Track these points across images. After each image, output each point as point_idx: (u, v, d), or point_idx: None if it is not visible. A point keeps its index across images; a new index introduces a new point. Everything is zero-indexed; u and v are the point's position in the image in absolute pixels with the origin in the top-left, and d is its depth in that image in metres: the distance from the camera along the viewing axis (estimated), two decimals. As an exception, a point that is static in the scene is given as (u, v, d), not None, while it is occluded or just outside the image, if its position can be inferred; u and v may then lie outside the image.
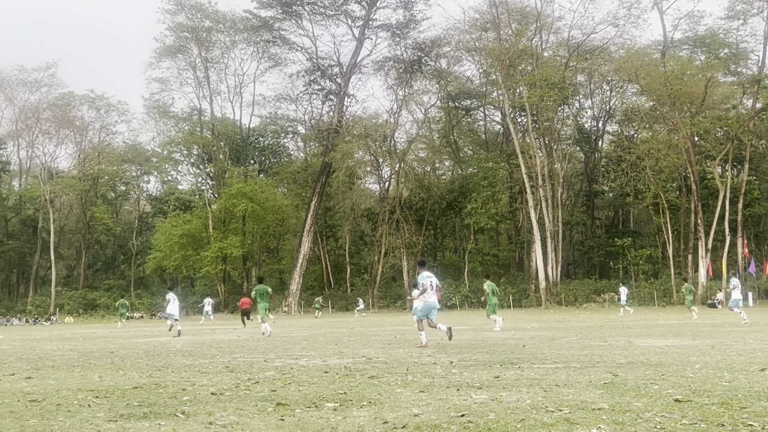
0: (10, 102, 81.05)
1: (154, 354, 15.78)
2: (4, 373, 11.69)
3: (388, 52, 71.21)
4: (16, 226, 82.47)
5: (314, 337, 21.22)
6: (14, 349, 19.80)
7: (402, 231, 65.87)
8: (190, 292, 77.00)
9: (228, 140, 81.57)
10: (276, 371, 10.68)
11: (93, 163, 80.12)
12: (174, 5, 72.82)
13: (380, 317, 46.93)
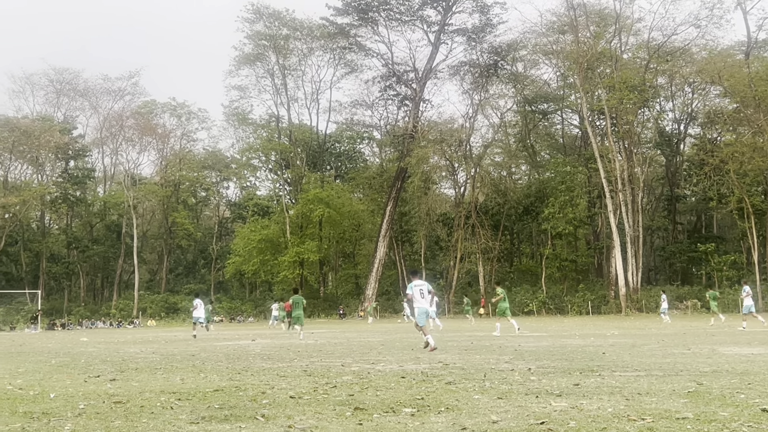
0: (95, 110, 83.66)
1: (233, 357, 16.03)
2: (89, 375, 12.02)
3: (464, 56, 71.09)
4: (100, 232, 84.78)
5: (390, 342, 21.24)
6: (99, 351, 20.35)
7: (478, 236, 65.51)
8: (268, 297, 78.02)
9: (305, 146, 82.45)
10: (353, 375, 10.72)
11: (174, 169, 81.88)
12: (253, 14, 74.10)
13: (456, 323, 46.66)
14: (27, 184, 75.77)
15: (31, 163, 78.05)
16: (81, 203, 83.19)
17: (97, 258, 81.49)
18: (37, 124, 74.83)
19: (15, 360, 16.81)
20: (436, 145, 67.76)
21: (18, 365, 14.79)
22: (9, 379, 11.50)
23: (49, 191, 76.49)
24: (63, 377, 11.65)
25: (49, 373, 12.61)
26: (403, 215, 77.82)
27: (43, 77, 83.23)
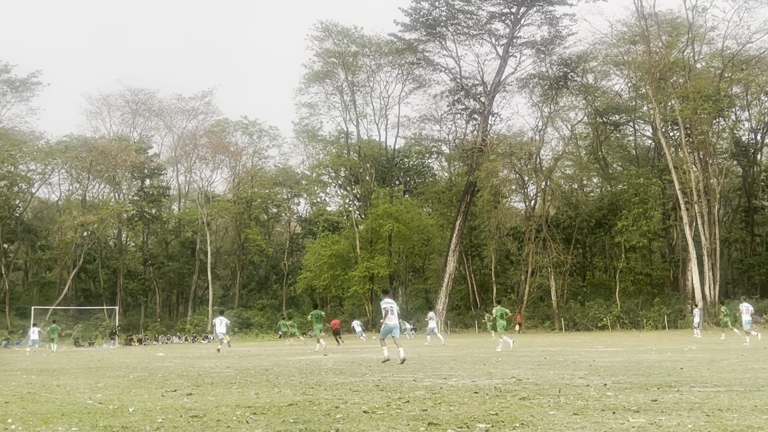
0: (169, 130, 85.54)
1: (306, 372, 16.15)
2: (166, 389, 12.24)
3: (533, 69, 70.49)
4: (175, 248, 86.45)
5: (462, 357, 21.12)
6: (175, 366, 20.72)
7: (549, 250, 64.75)
8: (339, 312, 78.43)
9: (374, 162, 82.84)
10: (426, 391, 10.69)
11: (246, 186, 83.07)
12: (322, 32, 74.94)
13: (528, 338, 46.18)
14: (104, 203, 77.77)
15: (108, 182, 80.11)
16: (156, 221, 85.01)
17: (173, 274, 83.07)
18: (114, 144, 76.85)
19: (94, 375, 17.23)
20: (506, 158, 67.32)
21: (97, 380, 15.15)
22: (89, 393, 11.79)
23: (126, 209, 78.34)
24: (141, 392, 11.89)
25: (128, 387, 12.88)
26: (473, 229, 77.43)
27: (120, 98, 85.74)
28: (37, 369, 20.60)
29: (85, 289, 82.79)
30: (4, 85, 76.39)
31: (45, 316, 67.40)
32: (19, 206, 78.96)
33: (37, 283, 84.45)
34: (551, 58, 68.95)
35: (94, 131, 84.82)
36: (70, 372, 18.73)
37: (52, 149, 77.52)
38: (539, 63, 69.86)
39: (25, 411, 9.30)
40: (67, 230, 72.97)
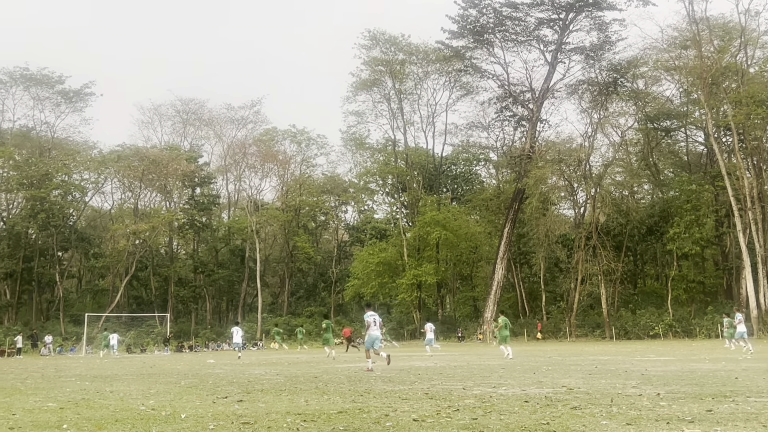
0: (219, 139, 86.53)
1: (355, 379, 16.17)
2: (217, 396, 12.35)
3: (582, 75, 69.90)
4: (225, 256, 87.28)
5: (511, 366, 20.96)
6: (225, 372, 20.90)
7: (599, 257, 64.00)
8: (386, 319, 78.39)
9: (421, 169, 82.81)
10: (475, 399, 10.63)
11: (295, 194, 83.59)
12: (369, 41, 75.31)
13: (579, 346, 45.67)
14: (156, 211, 78.86)
15: (159, 190, 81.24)
16: (207, 229, 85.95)
17: (222, 282, 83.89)
18: (165, 154, 77.95)
19: (147, 381, 17.46)
20: (555, 165, 66.79)
21: (150, 386, 15.35)
22: (142, 399, 11.94)
23: (177, 217, 79.33)
24: (192, 398, 12.01)
25: (179, 394, 13.02)
26: (521, 237, 76.91)
27: (171, 108, 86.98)
28: (91, 375, 20.94)
29: (137, 296, 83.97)
30: (59, 95, 78.11)
31: (98, 323, 68.51)
32: (73, 215, 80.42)
33: (90, 291, 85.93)
34: (600, 64, 68.32)
35: (145, 141, 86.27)
36: (123, 378, 19.00)
37: (105, 159, 78.96)
38: (588, 69, 69.31)
39: (80, 417, 9.45)
40: (119, 238, 74.13)
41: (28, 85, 77.02)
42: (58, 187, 75.42)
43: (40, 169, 72.86)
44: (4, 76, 76.19)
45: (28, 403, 11.61)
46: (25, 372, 24.25)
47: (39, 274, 75.80)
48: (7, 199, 79.75)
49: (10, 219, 76.54)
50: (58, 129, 79.76)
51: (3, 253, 73.74)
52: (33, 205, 72.27)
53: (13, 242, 74.38)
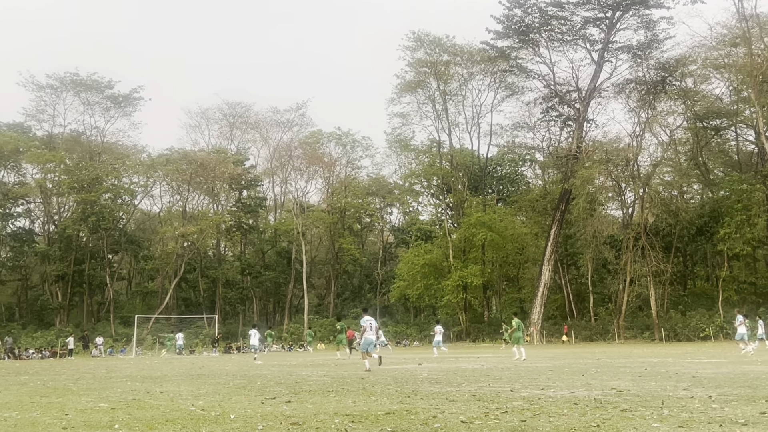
0: (265, 142, 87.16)
1: (402, 381, 16.16)
2: (266, 396, 12.44)
3: (629, 73, 68.98)
4: (272, 258, 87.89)
5: (559, 368, 20.79)
6: (273, 374, 21.04)
7: (648, 258, 63.12)
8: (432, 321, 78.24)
9: (466, 170, 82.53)
10: (523, 401, 10.56)
11: (340, 196, 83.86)
12: (414, 42, 75.26)
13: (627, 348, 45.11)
14: (204, 214, 79.72)
15: (207, 193, 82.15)
16: (253, 231, 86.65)
17: (269, 283, 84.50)
18: (212, 157, 78.81)
19: (196, 382, 17.65)
20: (602, 165, 66.03)
21: (199, 387, 15.52)
22: (191, 400, 12.08)
23: (224, 220, 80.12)
24: (241, 399, 12.11)
25: (228, 395, 13.14)
26: (568, 238, 76.21)
27: (217, 112, 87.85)
28: (141, 376, 21.24)
29: (185, 298, 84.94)
30: (108, 100, 79.46)
31: (147, 324, 69.51)
32: (122, 218, 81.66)
33: (140, 293, 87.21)
34: (648, 63, 67.37)
35: (193, 144, 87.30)
36: (173, 379, 19.24)
37: (154, 162, 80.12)
38: (636, 67, 68.38)
39: (131, 417, 9.59)
40: (168, 241, 75.12)
41: (78, 90, 78.46)
42: (108, 190, 76.70)
43: (90, 173, 74.17)
44: (55, 82, 77.72)
45: (80, 404, 11.81)
46: (77, 373, 24.68)
47: (90, 277, 77.11)
48: (58, 202, 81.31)
49: (62, 222, 77.99)
50: (108, 133, 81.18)
51: (55, 256, 75.19)
52: (84, 209, 73.56)
53: (64, 245, 75.83)
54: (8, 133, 77.12)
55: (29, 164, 78.39)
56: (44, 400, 12.75)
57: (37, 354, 58.00)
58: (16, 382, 18.95)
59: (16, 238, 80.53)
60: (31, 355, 57.07)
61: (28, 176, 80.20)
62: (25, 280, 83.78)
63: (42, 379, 20.76)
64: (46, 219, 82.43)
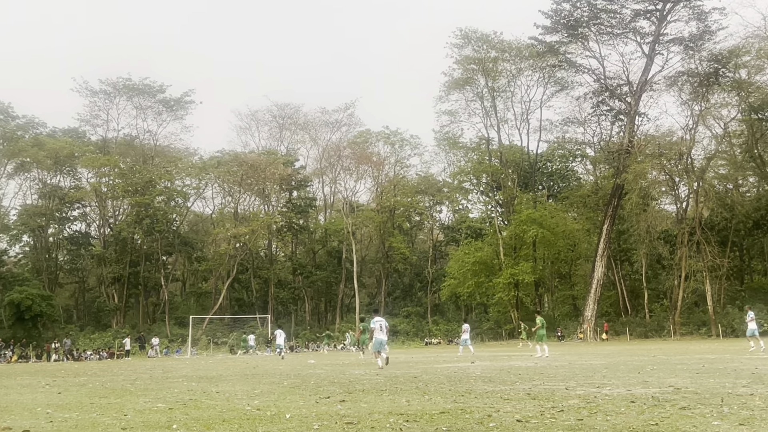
0: (314, 142, 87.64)
1: (455, 379, 16.12)
2: (320, 396, 12.50)
3: (681, 66, 67.81)
4: (322, 258, 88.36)
5: (614, 365, 20.54)
6: (326, 373, 21.15)
7: (703, 253, 62.06)
8: (483, 319, 77.97)
9: (516, 167, 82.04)
10: (579, 399, 10.46)
11: (389, 195, 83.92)
12: (461, 39, 75.04)
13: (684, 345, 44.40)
14: (255, 215, 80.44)
15: (258, 194, 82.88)
16: (304, 231, 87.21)
17: (320, 283, 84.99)
18: (262, 158, 79.50)
19: (251, 382, 17.81)
20: (654, 159, 65.06)
21: (254, 387, 15.66)
22: (247, 400, 12.20)
23: (275, 221, 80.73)
24: (296, 398, 12.20)
25: (283, 394, 13.24)
26: (621, 233, 75.24)
27: (267, 113, 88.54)
28: (197, 376, 21.50)
29: (238, 298, 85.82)
30: (160, 104, 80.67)
31: (202, 325, 70.44)
32: (176, 220, 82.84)
33: (194, 293, 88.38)
34: (701, 54, 66.13)
35: (243, 146, 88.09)
36: (228, 379, 19.45)
37: (206, 164, 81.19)
38: (688, 60, 67.18)
39: (188, 417, 9.71)
40: (220, 242, 76.02)
41: (131, 95, 79.82)
42: (162, 193, 77.92)
43: (144, 177, 75.42)
44: (108, 87, 79.23)
45: (138, 404, 12.01)
46: (134, 373, 25.10)
47: (145, 278, 78.45)
48: (113, 205, 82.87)
49: (117, 225, 79.47)
50: (160, 137, 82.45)
51: (111, 259, 76.64)
52: (138, 212, 74.85)
53: (120, 248, 77.20)
54: (64, 139, 78.93)
55: (84, 169, 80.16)
56: (103, 400, 12.98)
57: (95, 355, 59.14)
58: (75, 383, 19.33)
59: (73, 242, 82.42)
60: (89, 357, 58.21)
61: (84, 180, 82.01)
62: (83, 282, 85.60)
63: (100, 380, 21.14)
64: (101, 222, 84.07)
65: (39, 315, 66.41)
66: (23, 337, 63.34)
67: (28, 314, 65.04)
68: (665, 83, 68.95)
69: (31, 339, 63.88)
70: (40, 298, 66.48)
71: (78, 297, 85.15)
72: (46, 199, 79.87)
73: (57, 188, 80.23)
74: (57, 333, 67.92)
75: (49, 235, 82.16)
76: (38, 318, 66.79)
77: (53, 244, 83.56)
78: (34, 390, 16.76)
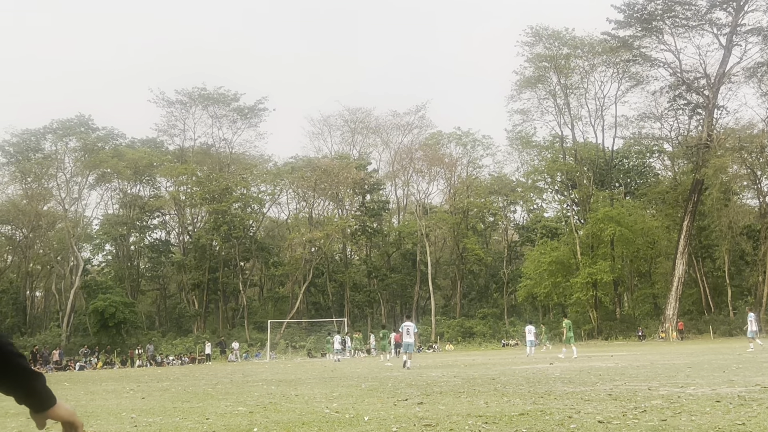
0: (386, 146, 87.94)
1: (534, 381, 15.97)
2: (398, 398, 12.53)
3: (761, 56, 65.86)
4: (397, 260, 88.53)
5: (698, 365, 20.05)
6: (404, 375, 21.18)
7: (789, 248, 60.20)
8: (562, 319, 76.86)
9: (591, 165, 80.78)
10: (662, 400, 10.24)
11: (462, 196, 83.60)
12: (532, 37, 74.24)
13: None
14: (329, 219, 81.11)
15: (331, 199, 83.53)
16: (378, 234, 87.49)
17: (395, 285, 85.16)
18: (335, 163, 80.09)
19: (329, 385, 17.96)
20: (735, 153, 63.40)
21: (332, 390, 15.79)
22: (326, 403, 12.30)
23: (349, 224, 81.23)
24: (374, 401, 12.25)
25: (361, 397, 13.31)
26: (702, 230, 73.43)
27: (339, 118, 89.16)
28: (276, 380, 21.78)
29: (315, 302, 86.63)
30: (235, 113, 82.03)
31: (280, 329, 71.31)
32: (252, 226, 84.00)
33: (271, 298, 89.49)
34: (781, 44, 64.25)
35: (316, 151, 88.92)
36: (307, 382, 19.64)
37: (280, 171, 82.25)
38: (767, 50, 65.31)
39: (269, 420, 9.85)
40: (296, 247, 76.85)
41: (206, 104, 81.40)
42: (238, 200, 79.21)
43: (220, 184, 76.80)
44: (184, 97, 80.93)
45: (219, 408, 12.22)
46: (215, 378, 25.55)
47: (224, 284, 79.85)
48: (191, 213, 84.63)
49: (196, 232, 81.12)
50: (236, 144, 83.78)
51: (190, 265, 78.26)
52: (216, 219, 76.20)
53: (199, 254, 78.78)
54: (142, 149, 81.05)
55: (163, 178, 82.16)
56: (185, 405, 13.25)
57: (177, 360, 60.46)
58: (158, 388, 19.78)
59: (153, 249, 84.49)
60: (171, 362, 59.54)
61: (163, 189, 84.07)
62: (163, 289, 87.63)
63: (182, 384, 21.59)
64: (180, 230, 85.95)
65: (122, 322, 68.17)
66: (108, 343, 65.17)
67: (111, 321, 66.82)
68: (744, 75, 67.18)
69: (115, 345, 65.68)
70: (123, 306, 68.27)
71: (159, 303, 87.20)
72: (127, 208, 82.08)
73: (137, 197, 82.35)
74: (140, 339, 69.62)
75: (131, 243, 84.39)
76: (122, 325, 68.55)
77: (135, 252, 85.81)
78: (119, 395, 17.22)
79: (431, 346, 67.26)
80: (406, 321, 27.35)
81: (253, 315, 79.90)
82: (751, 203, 74.56)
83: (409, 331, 26.39)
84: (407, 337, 26.07)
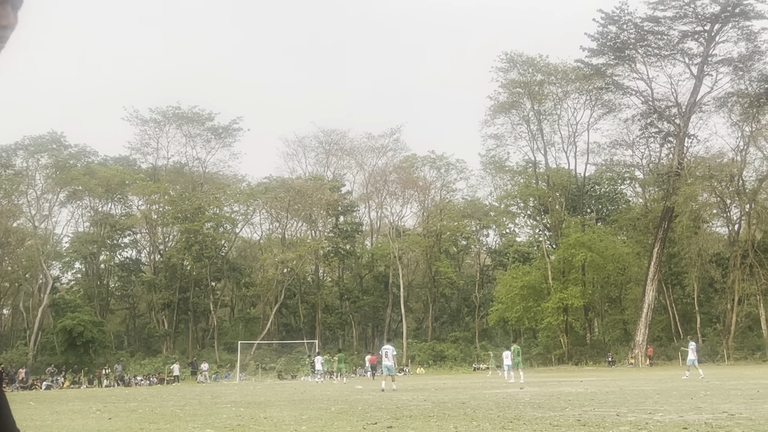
0: (360, 168, 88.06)
1: (503, 405, 15.99)
2: (367, 422, 12.49)
3: (731, 87, 66.94)
4: (369, 283, 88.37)
5: (666, 391, 20.19)
6: (374, 399, 21.11)
7: (757, 276, 60.87)
8: (533, 344, 77.12)
9: (564, 190, 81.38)
10: (631, 426, 10.30)
11: (435, 220, 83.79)
12: (506, 63, 74.79)
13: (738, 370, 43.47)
14: (302, 240, 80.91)
15: (305, 220, 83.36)
16: (351, 256, 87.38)
17: (367, 308, 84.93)
18: (309, 184, 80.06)
19: (298, 407, 17.87)
20: (705, 181, 64.19)
21: (301, 412, 15.70)
22: (294, 426, 12.23)
23: (322, 246, 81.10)
24: (343, 424, 12.19)
25: (330, 420, 13.25)
26: (672, 257, 74.12)
27: (314, 140, 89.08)
28: (245, 402, 21.62)
29: (286, 323, 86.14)
30: (209, 132, 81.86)
31: (250, 350, 70.81)
32: (224, 246, 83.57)
33: (242, 319, 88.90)
34: (750, 75, 65.31)
35: (291, 172, 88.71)
36: (276, 404, 19.52)
37: (253, 191, 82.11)
38: (738, 80, 66.36)
39: (238, 441, 9.77)
40: (268, 267, 76.46)
41: (180, 123, 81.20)
42: (210, 219, 78.87)
43: (193, 203, 76.47)
44: (158, 116, 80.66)
45: (187, 430, 12.12)
46: (184, 399, 25.32)
47: (194, 304, 79.27)
48: (163, 232, 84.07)
49: (167, 252, 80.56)
50: (209, 164, 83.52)
51: (161, 285, 77.66)
52: (187, 238, 75.74)
53: (169, 274, 78.21)
54: (115, 167, 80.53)
55: (135, 196, 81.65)
56: (153, 426, 13.12)
57: (145, 380, 59.81)
58: (125, 409, 19.57)
59: (123, 268, 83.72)
60: (139, 382, 58.89)
61: (134, 208, 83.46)
62: (133, 308, 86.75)
63: (150, 405, 21.37)
64: (151, 249, 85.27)
65: (90, 341, 67.35)
66: (75, 363, 64.30)
67: (80, 340, 66.01)
68: (715, 104, 68.20)
69: (82, 365, 64.80)
70: (91, 324, 67.47)
71: (129, 323, 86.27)
72: (98, 226, 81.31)
73: (108, 216, 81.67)
74: (108, 359, 68.81)
75: (101, 261, 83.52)
76: (90, 344, 67.71)
77: (104, 271, 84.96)
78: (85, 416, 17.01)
79: (402, 369, 67.06)
80: (386, 344, 28.18)
81: (223, 336, 79.28)
82: (721, 231, 75.50)
83: (388, 354, 26.66)
84: (386, 360, 26.43)
